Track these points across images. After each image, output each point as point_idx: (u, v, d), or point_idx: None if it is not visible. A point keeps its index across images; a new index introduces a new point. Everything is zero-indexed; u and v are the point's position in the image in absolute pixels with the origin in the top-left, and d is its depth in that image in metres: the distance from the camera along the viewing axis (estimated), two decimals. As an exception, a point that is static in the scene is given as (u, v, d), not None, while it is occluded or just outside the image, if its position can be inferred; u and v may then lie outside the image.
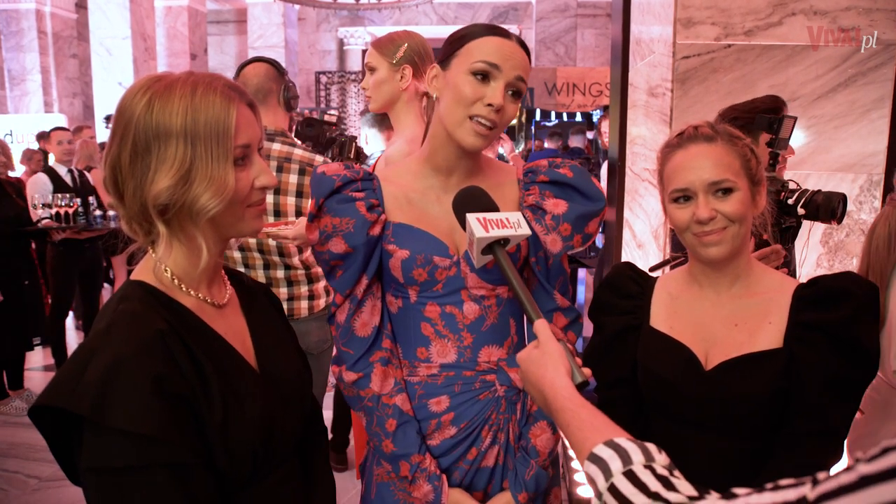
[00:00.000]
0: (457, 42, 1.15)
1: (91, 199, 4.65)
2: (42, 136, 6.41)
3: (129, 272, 1.00)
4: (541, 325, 0.94)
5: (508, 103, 1.13)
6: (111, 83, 8.41)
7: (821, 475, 0.50)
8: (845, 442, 1.16)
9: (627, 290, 1.31)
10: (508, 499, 1.21)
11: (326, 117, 2.83)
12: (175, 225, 0.92)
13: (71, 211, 4.31)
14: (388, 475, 1.25)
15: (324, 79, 12.23)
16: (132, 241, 0.95)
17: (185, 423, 0.85)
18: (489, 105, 1.11)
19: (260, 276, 2.30)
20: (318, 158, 2.29)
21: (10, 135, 8.14)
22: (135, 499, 0.81)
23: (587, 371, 0.90)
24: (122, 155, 0.89)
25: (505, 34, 1.14)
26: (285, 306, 2.30)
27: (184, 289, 0.95)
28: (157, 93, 0.88)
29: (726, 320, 1.19)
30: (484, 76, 1.11)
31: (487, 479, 1.23)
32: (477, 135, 1.13)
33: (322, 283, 2.41)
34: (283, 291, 2.31)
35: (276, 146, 2.24)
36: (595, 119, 8.94)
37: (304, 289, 2.34)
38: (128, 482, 0.81)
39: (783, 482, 0.54)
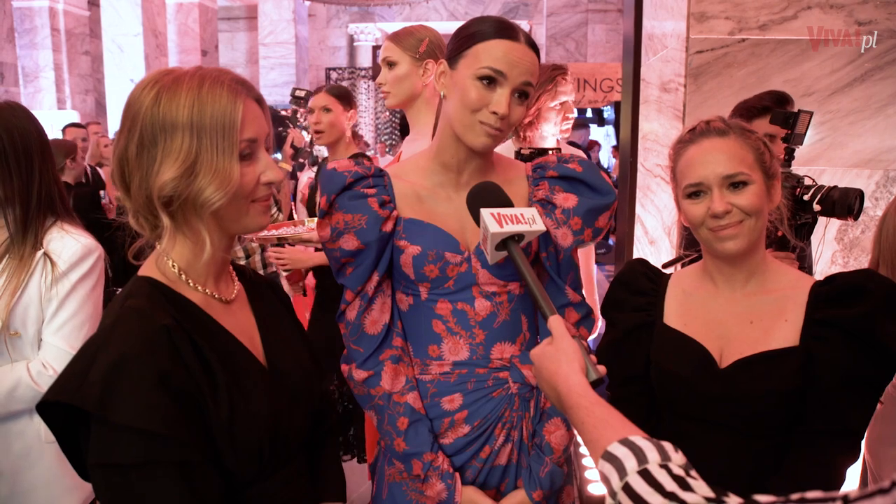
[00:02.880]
0: (465, 41, 1.14)
1: (102, 192, 4.75)
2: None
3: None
4: (555, 322, 0.93)
5: (515, 107, 1.13)
6: (123, 80, 8.45)
7: (852, 493, 0.48)
8: (863, 441, 1.14)
9: (640, 286, 1.30)
10: (523, 497, 1.20)
11: (297, 91, 2.87)
12: (179, 218, 0.92)
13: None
14: (401, 475, 1.24)
15: (334, 75, 12.24)
16: (138, 236, 0.96)
17: (191, 419, 0.84)
18: (494, 113, 1.10)
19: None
20: None
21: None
22: (141, 495, 0.82)
23: (602, 368, 0.90)
24: (129, 147, 0.89)
25: (514, 35, 1.12)
26: None
27: (190, 284, 0.95)
28: (165, 86, 0.88)
29: (741, 317, 1.18)
30: (490, 82, 1.10)
31: (500, 476, 1.22)
32: (487, 135, 1.13)
33: (257, 257, 2.73)
34: None
35: None
36: (606, 115, 8.88)
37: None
38: (134, 478, 0.81)
39: (810, 495, 0.52)
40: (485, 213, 1.04)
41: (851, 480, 1.21)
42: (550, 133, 2.16)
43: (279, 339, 1.05)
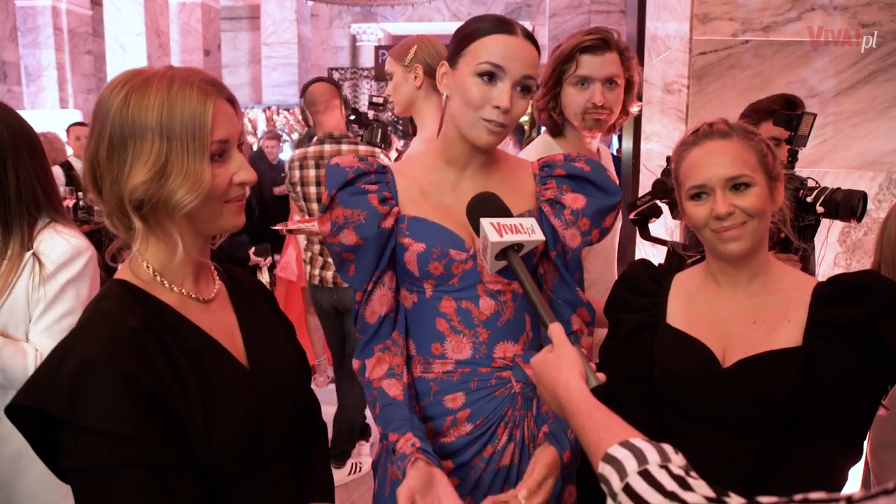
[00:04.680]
0: (463, 40, 1.15)
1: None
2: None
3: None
4: (555, 329, 0.94)
5: (517, 100, 1.13)
6: (126, 79, 8.43)
7: (856, 495, 0.48)
8: (865, 442, 1.14)
9: (644, 287, 1.30)
10: (554, 454, 1.12)
11: (375, 98, 3.12)
12: (152, 220, 0.91)
13: (70, 204, 4.36)
14: (403, 473, 1.24)
15: (336, 75, 12.25)
16: (117, 236, 0.95)
17: (161, 421, 0.83)
18: (496, 107, 1.11)
19: (316, 249, 3.03)
20: (377, 151, 2.78)
21: (27, 130, 8.19)
22: (114, 497, 0.81)
23: (601, 375, 0.90)
24: (99, 150, 0.89)
25: (510, 30, 1.13)
26: (329, 275, 2.93)
27: (166, 284, 0.94)
28: (134, 87, 0.87)
29: (744, 318, 1.18)
30: (490, 77, 1.11)
31: (503, 480, 1.21)
32: (490, 133, 1.14)
33: None
34: (330, 262, 2.88)
35: (344, 147, 2.89)
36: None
37: None
38: (104, 481, 0.81)
39: (813, 496, 0.52)
40: (484, 222, 1.04)
41: (853, 482, 1.21)
42: None
43: (263, 339, 1.04)
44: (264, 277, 4.31)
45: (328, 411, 3.18)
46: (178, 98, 0.87)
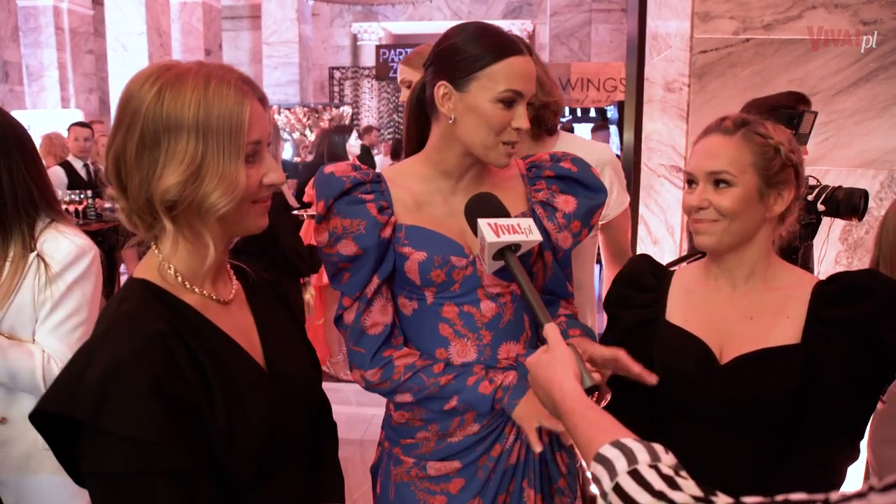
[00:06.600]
0: (472, 63, 1.11)
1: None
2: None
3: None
4: (551, 329, 0.94)
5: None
6: (127, 78, 8.39)
7: (833, 496, 0.49)
8: (864, 441, 1.14)
9: (644, 283, 1.30)
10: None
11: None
12: (182, 221, 0.88)
13: (81, 207, 4.36)
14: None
15: (337, 74, 12.27)
16: (132, 234, 0.92)
17: (186, 426, 0.82)
18: (517, 129, 1.13)
19: None
20: None
21: (28, 129, 8.21)
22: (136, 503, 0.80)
23: (597, 375, 0.90)
24: (127, 146, 0.85)
25: (519, 49, 1.12)
26: None
27: (187, 285, 0.92)
28: (168, 83, 0.84)
29: (742, 314, 1.18)
30: (511, 102, 1.12)
31: (510, 476, 1.21)
32: (509, 155, 1.16)
33: None
34: None
35: None
36: (609, 115, 8.87)
37: None
38: (127, 487, 0.80)
39: (794, 497, 0.53)
40: (482, 223, 1.04)
41: (854, 481, 1.20)
42: None
43: (279, 340, 1.03)
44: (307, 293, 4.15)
45: (341, 411, 3.17)
46: (215, 97, 0.84)
